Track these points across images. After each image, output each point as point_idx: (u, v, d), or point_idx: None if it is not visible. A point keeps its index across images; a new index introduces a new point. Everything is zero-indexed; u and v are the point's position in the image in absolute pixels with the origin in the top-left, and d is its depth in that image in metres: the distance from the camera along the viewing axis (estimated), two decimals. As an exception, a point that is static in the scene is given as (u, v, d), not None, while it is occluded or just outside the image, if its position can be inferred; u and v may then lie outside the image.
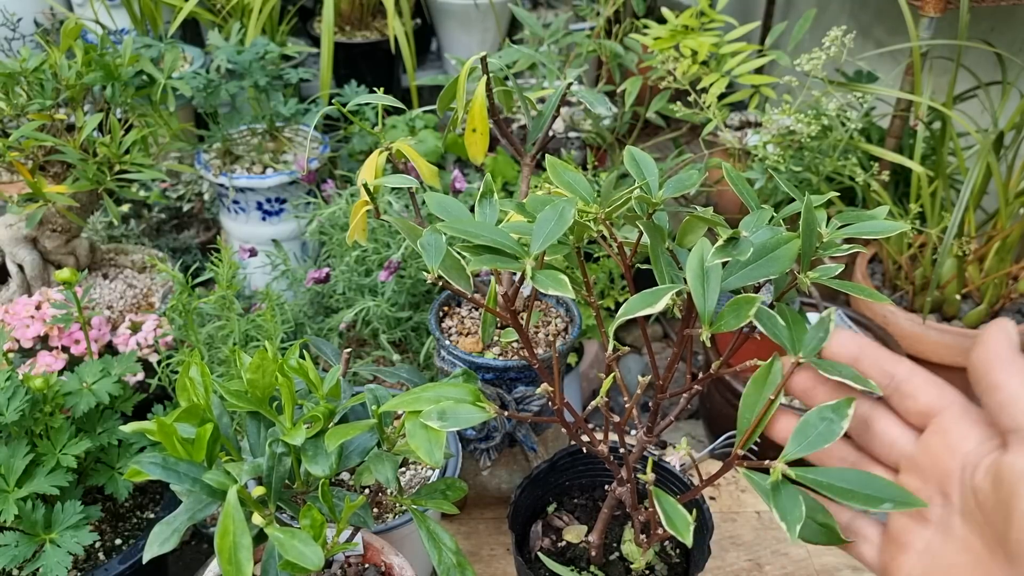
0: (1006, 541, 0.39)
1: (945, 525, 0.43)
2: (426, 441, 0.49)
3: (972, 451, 0.42)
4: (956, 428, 0.44)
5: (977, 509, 0.41)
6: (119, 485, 0.83)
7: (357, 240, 0.70)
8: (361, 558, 0.69)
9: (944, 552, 0.43)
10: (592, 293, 0.55)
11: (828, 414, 0.45)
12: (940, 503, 0.44)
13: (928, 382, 0.46)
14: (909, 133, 1.39)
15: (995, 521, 0.40)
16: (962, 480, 0.43)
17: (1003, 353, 0.42)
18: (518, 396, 0.84)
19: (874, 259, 1.46)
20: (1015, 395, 0.40)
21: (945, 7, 1.20)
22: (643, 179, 0.53)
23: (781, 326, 0.48)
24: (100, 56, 1.05)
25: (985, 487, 0.41)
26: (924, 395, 0.45)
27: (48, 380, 0.77)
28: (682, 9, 1.41)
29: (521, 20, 1.41)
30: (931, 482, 0.44)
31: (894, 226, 0.50)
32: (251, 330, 1.00)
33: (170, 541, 0.51)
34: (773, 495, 0.45)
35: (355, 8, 1.99)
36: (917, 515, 0.45)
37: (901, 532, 0.45)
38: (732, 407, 1.21)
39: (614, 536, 0.73)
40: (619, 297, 1.26)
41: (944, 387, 0.45)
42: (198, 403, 0.55)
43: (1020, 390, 0.40)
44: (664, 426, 0.61)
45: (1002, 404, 0.41)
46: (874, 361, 0.47)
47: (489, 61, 0.69)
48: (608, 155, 1.52)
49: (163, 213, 1.60)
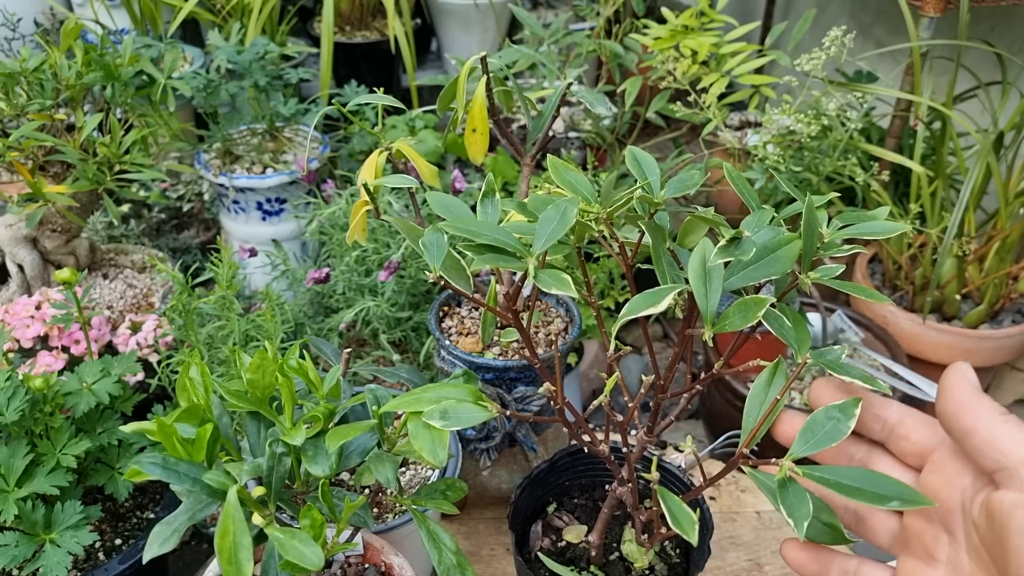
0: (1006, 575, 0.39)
1: (954, 563, 0.43)
2: (429, 441, 0.49)
3: (969, 487, 0.43)
4: (951, 465, 0.44)
5: (980, 545, 0.42)
6: (119, 485, 0.83)
7: (357, 240, 0.70)
8: (361, 558, 0.69)
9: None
10: (593, 293, 0.55)
11: (835, 413, 0.46)
12: (947, 541, 0.44)
13: (920, 422, 0.46)
14: (909, 133, 1.39)
15: (995, 555, 0.40)
16: (964, 517, 0.43)
17: (966, 398, 0.42)
18: (518, 396, 0.84)
19: (874, 259, 1.46)
20: (988, 438, 0.41)
21: (945, 7, 1.20)
22: (645, 179, 0.53)
23: (788, 327, 0.48)
24: (100, 56, 1.05)
25: (981, 523, 0.41)
26: (917, 435, 0.46)
27: (48, 380, 0.77)
28: (682, 9, 1.41)
29: (521, 20, 1.41)
30: (935, 521, 0.44)
31: (895, 227, 0.50)
32: (251, 330, 1.00)
33: (170, 541, 0.51)
34: (780, 493, 0.45)
35: (355, 8, 1.99)
36: (926, 555, 0.45)
37: (911, 574, 0.45)
38: (732, 407, 1.21)
39: (614, 536, 0.73)
40: (619, 297, 1.26)
41: (935, 425, 0.45)
42: (198, 403, 0.55)
43: (991, 432, 0.41)
44: (664, 426, 0.61)
45: (978, 448, 0.41)
46: (866, 408, 0.47)
47: (489, 61, 0.69)
48: (608, 155, 1.52)
49: (163, 213, 1.60)
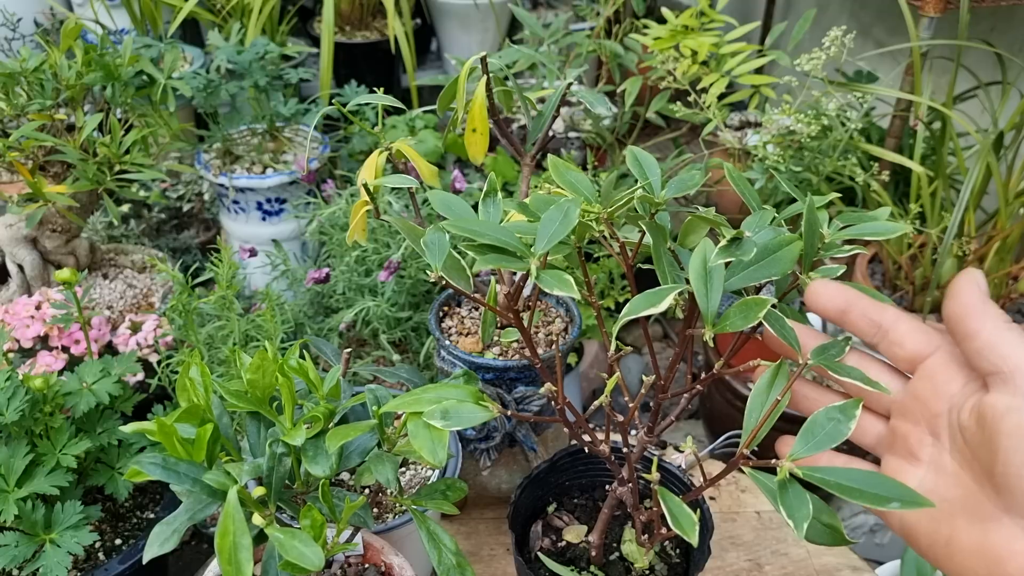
0: (992, 475, 0.41)
1: (937, 464, 0.46)
2: (429, 441, 0.49)
3: (958, 393, 0.45)
4: (943, 372, 0.46)
5: (965, 447, 0.44)
6: (119, 485, 0.83)
7: (357, 240, 0.70)
8: (361, 558, 0.69)
9: (937, 488, 0.45)
10: (593, 293, 0.55)
11: (835, 414, 0.46)
12: (931, 443, 0.46)
13: (915, 329, 0.47)
14: (909, 133, 1.39)
15: (981, 457, 0.42)
16: (950, 421, 0.45)
17: (974, 302, 0.44)
18: (518, 396, 0.84)
19: (874, 259, 1.46)
20: (990, 341, 0.42)
21: (945, 7, 1.20)
22: (645, 179, 0.53)
23: (789, 327, 0.48)
24: (100, 56, 1.05)
25: (971, 426, 0.43)
26: (911, 342, 0.47)
27: (48, 380, 0.77)
28: (682, 9, 1.41)
29: (521, 20, 1.41)
30: (921, 424, 0.46)
31: (896, 227, 0.51)
32: (251, 330, 1.00)
33: (170, 541, 0.51)
34: (780, 494, 0.45)
35: (355, 8, 1.99)
36: (909, 455, 0.47)
37: (895, 473, 0.47)
38: (732, 407, 1.21)
39: (614, 536, 0.73)
40: (619, 297, 1.26)
41: (930, 333, 0.47)
42: (198, 403, 0.55)
43: (994, 336, 0.42)
44: (665, 426, 0.61)
45: (979, 350, 0.43)
46: (862, 312, 0.48)
47: (489, 61, 0.69)
48: (608, 155, 1.52)
49: (163, 213, 1.60)
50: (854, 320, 0.48)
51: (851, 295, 0.48)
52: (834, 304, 0.48)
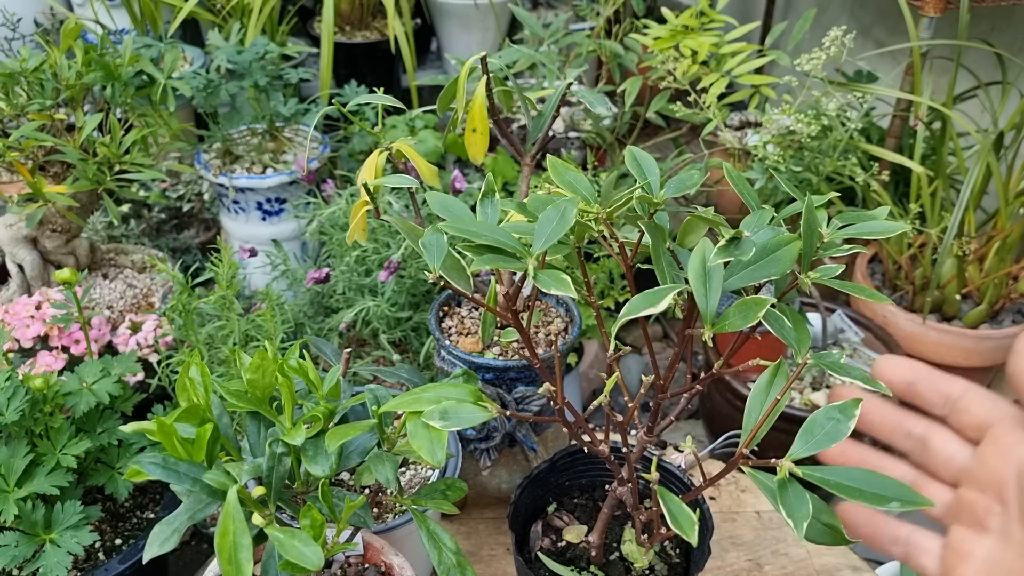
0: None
1: (1004, 532, 0.44)
2: (428, 441, 0.49)
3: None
4: (1009, 437, 0.44)
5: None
6: (119, 485, 0.83)
7: (357, 240, 0.70)
8: (361, 558, 0.69)
9: (1004, 559, 0.43)
10: (592, 293, 0.55)
11: (835, 414, 0.46)
12: (999, 511, 0.44)
13: (982, 396, 0.46)
14: (909, 133, 1.39)
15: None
16: (1018, 486, 0.43)
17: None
18: (518, 396, 0.84)
19: (874, 259, 1.46)
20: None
21: (945, 7, 1.20)
22: (644, 179, 0.53)
23: (788, 327, 0.48)
24: (100, 56, 1.05)
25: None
26: (978, 408, 0.46)
27: (48, 380, 0.77)
28: (682, 9, 1.41)
29: (521, 20, 1.41)
30: (988, 492, 0.45)
31: (895, 227, 0.51)
32: (251, 330, 1.00)
33: (170, 541, 0.51)
34: (780, 493, 0.45)
35: (355, 8, 1.99)
36: (977, 524, 0.45)
37: (961, 542, 0.46)
38: (732, 407, 1.21)
39: (614, 536, 0.73)
40: (619, 297, 1.26)
41: (997, 400, 0.46)
42: (198, 403, 0.55)
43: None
44: (664, 426, 0.61)
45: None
46: (930, 383, 0.47)
47: (489, 61, 0.69)
48: (608, 155, 1.52)
49: (163, 213, 1.60)
50: (923, 392, 0.47)
51: (917, 368, 0.47)
52: (901, 378, 0.48)
